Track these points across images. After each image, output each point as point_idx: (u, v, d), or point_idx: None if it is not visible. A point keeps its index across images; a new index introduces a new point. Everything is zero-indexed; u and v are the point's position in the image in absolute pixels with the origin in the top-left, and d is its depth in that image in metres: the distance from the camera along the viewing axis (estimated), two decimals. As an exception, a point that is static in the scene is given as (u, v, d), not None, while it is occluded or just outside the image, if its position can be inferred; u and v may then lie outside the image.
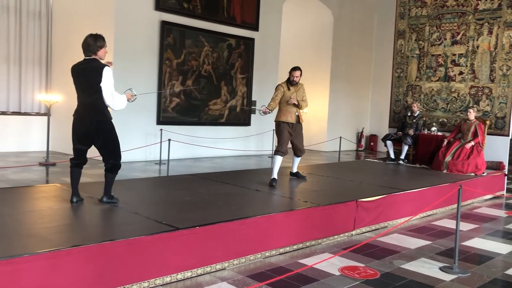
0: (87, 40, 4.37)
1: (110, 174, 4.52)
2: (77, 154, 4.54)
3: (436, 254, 4.79)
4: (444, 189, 6.80)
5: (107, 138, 4.43)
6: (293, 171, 6.98)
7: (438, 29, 10.26)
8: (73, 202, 4.58)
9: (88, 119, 4.37)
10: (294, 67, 6.54)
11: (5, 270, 2.87)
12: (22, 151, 10.59)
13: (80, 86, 4.41)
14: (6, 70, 10.67)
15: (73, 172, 4.58)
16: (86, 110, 4.38)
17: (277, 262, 4.31)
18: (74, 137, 4.51)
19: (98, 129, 4.38)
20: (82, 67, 4.38)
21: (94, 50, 4.35)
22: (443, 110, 10.17)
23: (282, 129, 6.43)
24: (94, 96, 4.31)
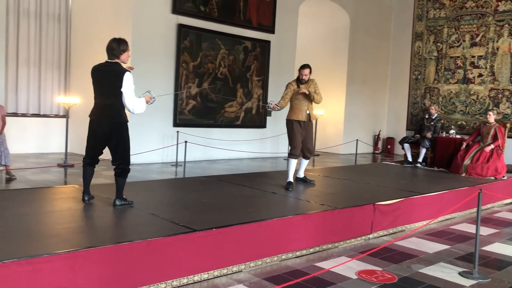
0: (111, 44, 4.44)
1: (121, 179, 4.60)
2: (92, 154, 4.64)
3: (455, 258, 4.71)
4: (463, 193, 6.71)
5: (120, 140, 4.52)
6: (299, 175, 6.67)
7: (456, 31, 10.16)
8: (84, 200, 4.66)
9: (105, 120, 4.45)
10: (303, 65, 6.35)
11: (26, 270, 2.92)
12: (41, 153, 10.75)
13: (100, 88, 4.48)
14: (26, 73, 10.85)
15: (86, 171, 4.67)
16: (104, 111, 4.46)
17: (293, 265, 4.29)
18: (90, 137, 4.60)
19: (114, 131, 4.47)
20: (103, 69, 4.45)
21: (117, 54, 4.42)
22: (461, 112, 10.06)
23: (294, 130, 6.21)
24: (113, 99, 4.40)
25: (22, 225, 3.87)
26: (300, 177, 6.70)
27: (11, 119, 10.28)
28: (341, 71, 14.23)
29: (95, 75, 4.49)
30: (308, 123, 6.33)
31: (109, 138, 4.50)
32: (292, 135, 6.26)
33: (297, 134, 6.22)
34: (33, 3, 10.83)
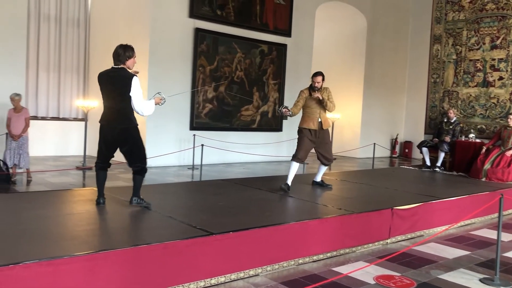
0: (117, 50, 4.50)
1: (139, 176, 4.65)
2: (104, 158, 4.70)
3: (475, 265, 4.63)
4: (483, 198, 6.60)
5: (133, 144, 4.58)
6: (316, 179, 6.67)
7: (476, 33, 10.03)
8: (100, 203, 4.71)
9: (116, 125, 4.51)
10: (316, 72, 6.30)
11: (46, 271, 2.96)
12: (60, 155, 10.90)
13: (108, 93, 4.54)
14: (46, 77, 11.04)
15: (99, 175, 4.73)
16: (114, 116, 4.52)
17: (310, 269, 4.26)
18: (101, 142, 4.65)
19: (125, 136, 4.53)
20: (110, 75, 4.51)
21: (123, 60, 4.48)
22: (481, 116, 9.90)
23: (303, 138, 6.19)
24: (122, 103, 4.47)
25: (42, 227, 3.92)
26: (317, 181, 6.69)
27: (31, 122, 10.43)
28: (358, 74, 14.15)
29: (102, 81, 4.56)
30: (321, 132, 6.26)
31: (121, 143, 4.57)
32: (300, 142, 6.25)
33: (305, 142, 6.19)
34: (53, 8, 11.02)
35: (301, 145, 6.22)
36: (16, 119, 7.47)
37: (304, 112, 6.33)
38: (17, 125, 7.46)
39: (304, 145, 6.20)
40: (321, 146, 6.33)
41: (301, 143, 6.23)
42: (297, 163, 6.19)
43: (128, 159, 4.65)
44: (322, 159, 6.42)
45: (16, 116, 7.49)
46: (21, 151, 7.45)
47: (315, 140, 6.25)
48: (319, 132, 6.25)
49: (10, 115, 7.50)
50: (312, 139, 6.23)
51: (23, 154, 7.49)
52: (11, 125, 7.46)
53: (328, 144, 6.43)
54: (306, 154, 6.28)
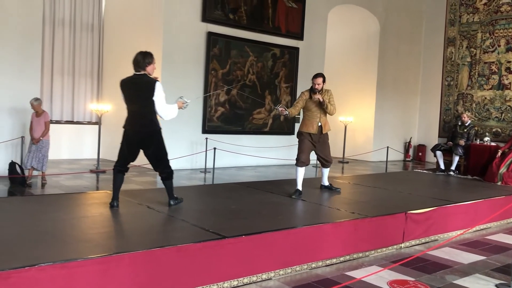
0: (137, 57, 4.63)
1: (168, 181, 4.83)
2: (124, 162, 4.78)
3: (491, 270, 4.56)
4: (499, 202, 6.51)
5: (157, 148, 4.68)
6: (324, 183, 6.60)
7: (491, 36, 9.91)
8: (114, 206, 4.76)
9: (140, 129, 4.61)
10: (316, 74, 6.21)
11: (60, 273, 2.98)
12: (74, 159, 11.02)
13: (132, 99, 4.62)
14: (60, 81, 11.18)
15: (117, 178, 4.79)
16: (138, 121, 4.61)
17: (323, 273, 4.24)
18: (124, 147, 4.73)
19: (150, 140, 4.64)
20: (134, 81, 4.61)
21: (143, 66, 4.59)
22: (496, 119, 9.78)
23: (303, 141, 6.13)
24: (146, 108, 4.56)
25: (57, 229, 3.96)
26: (325, 185, 6.62)
27: (46, 126, 10.59)
28: (371, 77, 14.07)
29: (125, 88, 4.65)
30: (321, 136, 6.19)
31: (145, 147, 4.66)
32: (300, 145, 6.18)
33: (305, 146, 6.11)
34: (68, 13, 11.16)
35: (302, 148, 6.14)
36: (36, 123, 7.61)
37: (304, 115, 6.26)
38: (37, 129, 7.59)
39: (305, 148, 6.12)
40: (320, 149, 6.26)
41: (301, 146, 6.16)
42: (301, 167, 6.11)
43: (153, 163, 4.77)
44: (323, 161, 6.36)
45: (37, 120, 7.63)
46: (40, 154, 7.56)
47: (315, 143, 6.17)
48: (319, 136, 6.17)
49: (32, 118, 7.68)
50: (312, 142, 6.16)
51: (42, 157, 7.60)
52: (32, 129, 7.61)
53: (326, 146, 6.30)
54: (308, 156, 6.20)
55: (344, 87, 13.90)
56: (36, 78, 8.97)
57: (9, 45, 8.24)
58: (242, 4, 10.80)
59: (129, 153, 4.73)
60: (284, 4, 11.57)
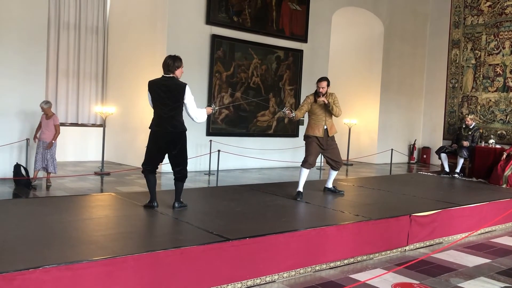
0: (167, 60, 4.74)
1: (180, 183, 4.94)
2: (154, 162, 4.88)
3: (496, 273, 4.54)
4: (504, 205, 6.48)
5: (182, 148, 4.83)
6: (328, 185, 6.60)
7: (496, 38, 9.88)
8: (154, 207, 4.87)
9: (171, 130, 4.71)
10: (320, 77, 6.21)
11: (65, 275, 2.99)
12: (79, 161, 11.06)
13: (162, 100, 4.71)
14: (65, 84, 11.23)
15: (151, 178, 4.89)
16: (167, 122, 4.71)
17: (327, 276, 4.23)
18: (153, 148, 4.84)
19: (177, 140, 4.77)
20: (163, 83, 4.71)
21: (172, 70, 4.72)
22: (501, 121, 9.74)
23: (310, 144, 6.13)
24: (176, 110, 4.70)
25: (61, 231, 3.98)
26: (328, 187, 6.62)
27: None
28: (375, 80, 14.05)
29: (155, 89, 4.74)
30: (327, 139, 6.19)
31: (173, 147, 4.77)
32: (307, 147, 6.18)
33: (312, 149, 6.12)
34: (73, 16, 11.22)
35: (309, 150, 6.15)
36: (45, 126, 7.66)
37: (310, 119, 6.27)
38: (46, 131, 7.64)
39: (313, 149, 6.13)
40: (329, 152, 6.26)
41: (309, 148, 6.16)
42: (307, 169, 6.11)
43: (174, 163, 4.88)
44: (332, 163, 6.34)
45: (46, 122, 7.67)
46: (48, 155, 7.61)
47: (322, 146, 6.18)
48: (325, 139, 6.17)
49: (42, 120, 7.72)
50: (319, 145, 6.16)
51: (51, 159, 7.64)
52: (42, 131, 7.65)
53: (335, 149, 6.31)
54: (315, 158, 6.21)
55: (349, 90, 13.89)
56: (41, 81, 9.01)
57: (14, 48, 8.29)
58: (246, 7, 10.82)
59: (158, 154, 4.86)
60: (288, 7, 11.58)
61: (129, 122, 10.93)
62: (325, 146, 6.20)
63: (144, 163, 4.88)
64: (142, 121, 10.56)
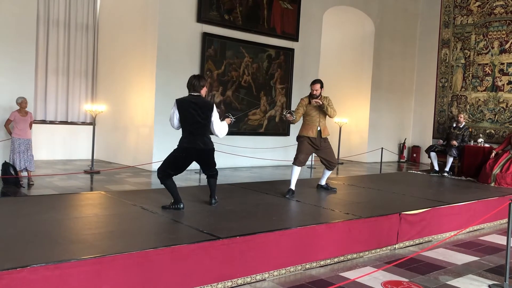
0: (192, 81, 4.93)
1: (214, 180, 5.21)
2: (178, 171, 5.01)
3: (484, 271, 4.58)
4: (492, 203, 6.54)
5: (211, 161, 5.10)
6: (321, 183, 6.75)
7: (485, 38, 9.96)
8: (181, 208, 4.92)
9: (203, 147, 4.92)
10: (314, 80, 6.35)
11: (54, 274, 2.97)
12: (68, 159, 10.97)
13: (193, 118, 4.86)
14: (55, 81, 11.13)
15: (171, 183, 4.95)
16: (199, 139, 4.90)
17: (317, 274, 4.24)
18: (180, 162, 4.95)
19: (207, 156, 5.03)
20: (193, 101, 4.87)
21: (198, 90, 4.91)
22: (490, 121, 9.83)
23: (302, 144, 6.26)
24: (206, 127, 4.94)
25: (50, 230, 3.94)
26: (321, 184, 6.75)
27: (40, 126, 10.55)
28: (366, 79, 14.11)
29: (185, 107, 4.86)
30: (321, 140, 6.29)
31: (202, 161, 5.07)
32: (299, 146, 6.31)
33: (303, 147, 6.25)
34: (62, 13, 11.11)
35: (301, 148, 6.28)
36: (24, 123, 7.54)
37: (304, 120, 6.37)
38: (25, 128, 7.53)
39: (304, 148, 6.25)
40: (323, 152, 6.37)
41: (300, 146, 6.29)
42: (298, 166, 6.21)
43: (205, 168, 5.18)
44: (326, 164, 6.47)
45: (24, 119, 7.55)
46: (29, 153, 7.52)
47: (316, 146, 6.29)
48: (319, 140, 6.27)
49: (15, 117, 7.54)
50: (312, 145, 6.27)
51: (31, 157, 7.55)
52: (19, 128, 7.51)
53: (329, 149, 6.43)
54: (307, 157, 6.33)
55: (339, 89, 13.93)
56: (30, 78, 8.94)
57: (2, 45, 8.20)
58: (238, 5, 10.80)
59: (186, 165, 5.03)
60: (280, 5, 11.59)
61: (119, 120, 10.87)
62: (318, 147, 6.28)
63: (164, 170, 4.90)
64: (132, 120, 10.52)
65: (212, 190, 5.24)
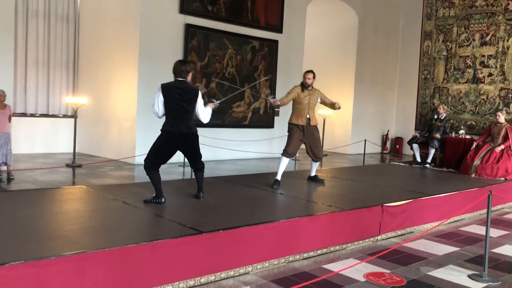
0: (179, 66, 4.90)
1: (201, 173, 5.20)
2: (164, 161, 5.00)
3: (464, 261, 4.66)
4: (472, 194, 6.64)
5: (196, 148, 5.07)
6: (311, 175, 6.94)
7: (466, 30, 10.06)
8: (163, 203, 4.86)
9: (186, 131, 4.88)
10: (308, 70, 6.57)
11: (32, 272, 2.92)
12: (49, 153, 10.81)
13: (177, 103, 4.83)
14: (35, 74, 10.91)
15: (156, 175, 4.91)
16: (184, 124, 4.87)
17: (301, 267, 4.26)
18: (166, 148, 4.93)
19: (190, 141, 4.98)
20: (178, 86, 4.85)
21: (184, 75, 4.89)
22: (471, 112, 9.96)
23: (292, 132, 6.42)
24: (189, 113, 4.91)
25: (29, 226, 3.88)
26: (311, 176, 6.91)
27: (20, 119, 10.36)
28: (349, 71, 14.16)
29: (170, 92, 4.83)
30: (309, 128, 6.43)
31: (187, 146, 5.01)
32: (289, 137, 6.46)
33: (294, 137, 6.39)
34: (42, 4, 10.88)
35: (290, 140, 6.41)
36: (3, 116, 7.38)
37: (294, 108, 6.51)
38: (4, 121, 7.37)
39: (294, 140, 6.39)
40: (310, 141, 6.49)
41: (290, 138, 6.42)
42: (287, 158, 6.35)
43: (191, 160, 5.15)
44: (311, 155, 6.61)
45: (2, 112, 7.39)
46: (8, 147, 7.37)
47: (303, 135, 6.42)
48: (307, 127, 6.41)
49: None
50: (300, 134, 6.41)
51: (10, 150, 7.41)
52: None
53: (317, 140, 6.57)
54: (296, 149, 6.46)
55: (323, 81, 13.85)
56: (9, 71, 8.77)
57: (-21, 36, 8.01)
58: (221, -4, 10.70)
59: (169, 152, 4.98)
60: (263, -3, 11.51)
61: (101, 113, 10.72)
62: (306, 134, 6.41)
63: (150, 159, 4.87)
64: (114, 112, 10.39)
65: (199, 184, 5.22)
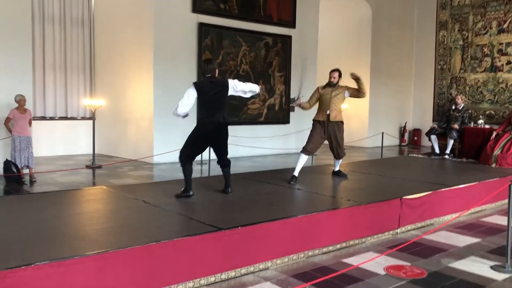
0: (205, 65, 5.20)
1: (228, 169, 5.39)
2: (196, 155, 5.30)
3: (486, 252, 4.60)
4: (493, 184, 6.54)
5: (226, 142, 5.28)
6: (335, 169, 6.97)
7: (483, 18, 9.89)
8: (191, 195, 5.10)
9: (220, 121, 5.10)
10: (333, 69, 6.61)
11: (57, 271, 2.99)
12: (69, 155, 10.99)
13: (211, 95, 5.04)
14: (53, 77, 11.11)
15: (189, 168, 5.15)
16: (217, 115, 5.07)
17: (320, 261, 4.27)
18: (199, 139, 5.17)
19: (224, 132, 5.23)
20: (210, 80, 5.09)
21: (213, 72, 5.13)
22: (490, 102, 9.80)
23: (313, 129, 6.48)
24: (222, 103, 5.13)
25: (52, 227, 3.97)
26: (335, 171, 6.94)
27: (40, 123, 10.55)
28: (365, 64, 14.04)
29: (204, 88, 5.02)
30: (330, 124, 6.38)
31: (219, 137, 5.20)
32: (310, 135, 6.50)
33: (314, 133, 6.43)
34: (57, 8, 11.05)
35: (311, 137, 6.45)
36: (24, 120, 7.54)
37: (318, 105, 6.59)
38: (26, 126, 7.54)
39: (314, 137, 6.40)
40: (331, 138, 6.47)
41: (311, 135, 6.46)
42: (305, 155, 6.35)
43: (220, 154, 5.30)
44: (334, 152, 6.61)
45: (23, 117, 7.55)
46: (29, 150, 7.54)
47: (325, 131, 6.40)
48: (328, 123, 6.38)
49: (14, 115, 7.56)
50: (321, 131, 6.40)
51: (31, 154, 7.57)
52: (19, 126, 7.53)
53: (338, 137, 6.51)
54: (315, 146, 6.46)
55: (338, 74, 13.85)
56: (27, 75, 8.93)
57: (-2, 43, 8.17)
58: (233, -6, 10.71)
59: (203, 144, 5.29)
60: (275, -8, 11.49)
61: (119, 114, 10.86)
62: (328, 130, 6.41)
63: (185, 152, 5.11)
64: (132, 113, 10.50)
65: (227, 180, 5.37)
